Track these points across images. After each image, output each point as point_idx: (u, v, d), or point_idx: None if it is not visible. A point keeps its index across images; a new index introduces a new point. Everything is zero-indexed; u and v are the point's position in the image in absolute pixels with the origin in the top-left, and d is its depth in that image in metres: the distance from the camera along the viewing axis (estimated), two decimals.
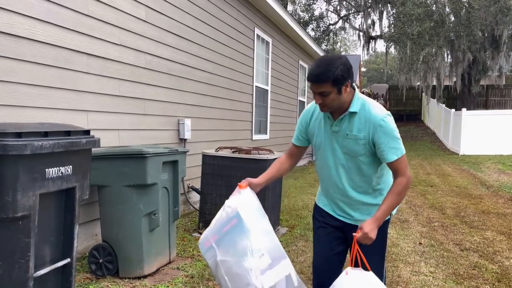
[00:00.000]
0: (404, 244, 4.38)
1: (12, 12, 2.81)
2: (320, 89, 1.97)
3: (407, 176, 2.01)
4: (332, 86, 1.94)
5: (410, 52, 16.01)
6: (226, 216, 2.04)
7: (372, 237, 1.91)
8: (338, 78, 1.93)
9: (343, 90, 1.97)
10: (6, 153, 1.84)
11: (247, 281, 1.89)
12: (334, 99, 1.98)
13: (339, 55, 2.10)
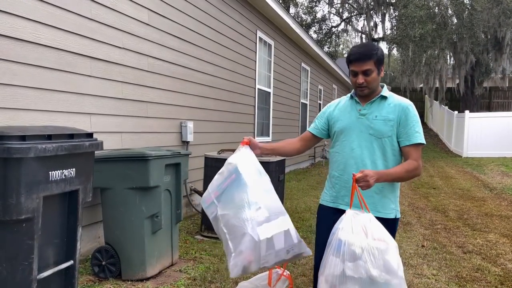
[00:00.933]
0: (406, 246, 4.38)
1: (16, 16, 2.83)
2: (364, 67, 2.10)
3: (419, 164, 2.08)
4: (375, 65, 2.11)
5: (412, 54, 16.01)
6: (227, 172, 2.08)
7: (370, 181, 1.93)
8: (380, 58, 2.12)
9: (381, 72, 2.16)
10: (10, 156, 1.86)
11: (243, 231, 1.91)
12: (375, 78, 2.13)
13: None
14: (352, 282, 1.77)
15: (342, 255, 1.79)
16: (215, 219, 2.07)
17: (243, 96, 7.06)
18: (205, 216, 4.38)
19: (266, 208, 1.98)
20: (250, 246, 1.90)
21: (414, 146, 2.09)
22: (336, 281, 1.80)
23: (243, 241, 1.91)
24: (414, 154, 2.09)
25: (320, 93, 13.58)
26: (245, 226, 1.92)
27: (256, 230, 1.90)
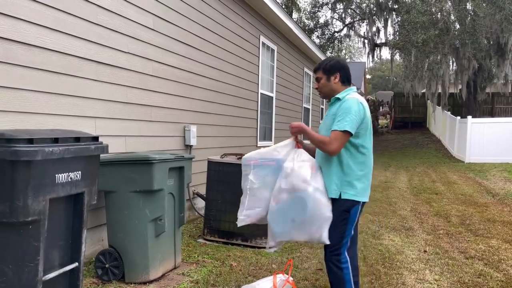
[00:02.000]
0: (409, 251, 4.38)
1: (24, 21, 2.88)
2: (316, 75, 2.73)
3: (332, 143, 2.45)
4: (323, 73, 2.67)
5: (414, 60, 16.03)
6: (271, 156, 2.61)
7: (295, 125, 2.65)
8: (328, 68, 2.65)
9: (332, 79, 2.64)
10: (17, 159, 1.89)
11: (259, 205, 2.56)
12: (324, 84, 2.68)
13: (338, 57, 2.83)
14: (284, 192, 2.47)
15: (281, 176, 2.50)
16: (245, 177, 2.62)
17: (246, 101, 7.09)
18: (208, 220, 4.41)
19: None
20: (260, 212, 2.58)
21: (333, 131, 2.47)
22: (276, 193, 2.50)
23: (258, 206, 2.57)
24: (332, 135, 2.47)
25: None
26: (260, 203, 2.57)
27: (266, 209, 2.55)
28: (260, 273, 3.50)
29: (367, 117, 2.56)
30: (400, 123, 26.93)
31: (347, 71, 2.69)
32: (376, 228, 5.36)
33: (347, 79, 2.69)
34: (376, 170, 12.76)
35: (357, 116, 2.48)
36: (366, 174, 2.59)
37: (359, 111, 2.50)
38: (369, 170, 2.63)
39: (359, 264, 3.86)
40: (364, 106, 2.56)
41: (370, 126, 2.61)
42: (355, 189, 2.52)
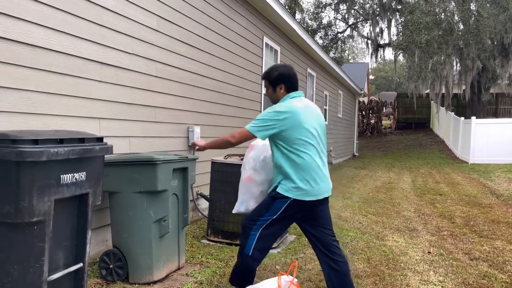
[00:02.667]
0: (413, 252, 4.37)
1: (30, 22, 2.89)
2: (264, 84, 2.93)
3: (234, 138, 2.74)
4: (269, 84, 2.86)
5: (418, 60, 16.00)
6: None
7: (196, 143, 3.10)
8: (271, 80, 2.84)
9: (278, 90, 2.83)
10: (23, 160, 1.90)
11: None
12: (271, 93, 2.89)
13: (285, 65, 2.93)
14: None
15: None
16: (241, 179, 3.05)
17: (249, 102, 7.10)
18: (212, 220, 4.41)
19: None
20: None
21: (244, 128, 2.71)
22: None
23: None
24: (240, 130, 2.73)
25: (326, 98, 13.60)
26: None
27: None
28: (264, 274, 3.49)
29: (294, 122, 2.63)
30: (404, 123, 26.88)
31: (292, 78, 2.82)
32: (379, 229, 5.35)
33: (294, 86, 2.83)
34: (380, 171, 12.73)
35: (267, 122, 2.63)
36: (305, 174, 2.64)
37: (272, 117, 2.64)
38: (309, 172, 2.65)
39: (362, 265, 3.86)
40: (288, 111, 2.64)
41: (306, 130, 2.66)
42: (288, 185, 2.66)
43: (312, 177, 2.65)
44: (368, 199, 7.66)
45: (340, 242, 4.53)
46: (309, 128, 2.68)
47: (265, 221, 2.72)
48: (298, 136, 2.64)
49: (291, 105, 2.69)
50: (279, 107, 2.68)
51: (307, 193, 2.64)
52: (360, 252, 4.28)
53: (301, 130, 2.65)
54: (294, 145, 2.64)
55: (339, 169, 13.09)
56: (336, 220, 5.70)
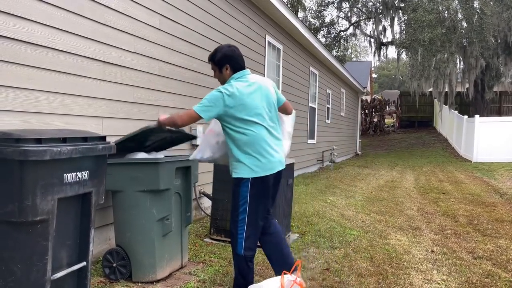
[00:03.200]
0: (416, 251, 4.36)
1: (33, 21, 2.89)
2: (211, 66, 2.99)
3: (180, 119, 2.83)
4: (214, 65, 2.95)
5: (421, 59, 15.95)
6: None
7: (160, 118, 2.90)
8: (215, 61, 2.92)
9: (224, 71, 2.91)
10: (26, 159, 1.90)
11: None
12: (218, 75, 2.98)
13: (229, 46, 2.97)
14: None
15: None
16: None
17: None
18: (214, 219, 4.41)
19: None
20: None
21: (191, 109, 2.79)
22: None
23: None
24: (187, 110, 2.82)
25: (328, 97, 13.58)
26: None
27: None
28: (266, 272, 3.49)
29: (237, 102, 2.73)
30: (407, 122, 26.82)
31: (236, 58, 2.91)
32: (383, 228, 5.34)
33: (239, 65, 2.91)
34: (383, 170, 12.71)
35: (211, 103, 2.72)
36: (251, 151, 2.77)
37: (216, 97, 2.72)
38: (255, 147, 2.77)
39: (365, 264, 3.85)
40: (231, 92, 2.73)
41: (250, 109, 2.77)
42: (242, 166, 2.78)
43: (259, 152, 2.77)
44: (371, 198, 7.65)
45: (343, 241, 4.55)
46: (253, 107, 2.77)
47: (243, 212, 2.80)
48: (241, 115, 2.74)
49: (235, 85, 2.77)
50: (223, 88, 2.76)
51: (260, 168, 2.77)
52: (363, 251, 4.28)
53: (245, 109, 2.74)
54: (238, 124, 2.75)
55: (341, 167, 13.08)
56: (339, 219, 5.69)
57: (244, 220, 2.82)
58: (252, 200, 2.79)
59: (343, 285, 3.32)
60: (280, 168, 2.88)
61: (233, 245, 2.88)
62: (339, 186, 8.87)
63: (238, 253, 2.84)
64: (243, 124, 2.75)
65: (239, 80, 2.86)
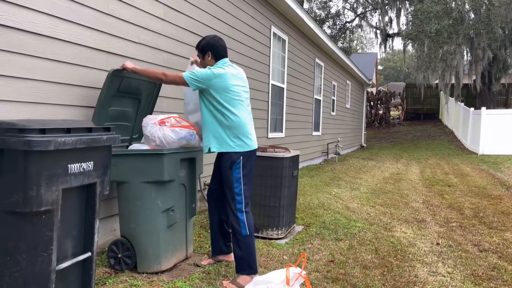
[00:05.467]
0: (421, 244, 4.34)
1: (36, 11, 2.87)
2: (197, 54, 3.33)
3: (166, 77, 3.12)
4: (200, 53, 3.27)
5: (427, 50, 15.80)
6: None
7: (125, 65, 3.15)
8: (200, 49, 3.25)
9: (206, 57, 3.23)
10: (30, 149, 1.88)
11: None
12: (201, 62, 3.31)
13: (214, 36, 3.29)
14: None
15: None
16: None
17: (257, 92, 7.05)
18: None
19: None
20: None
21: (181, 73, 3.09)
22: None
23: None
24: (177, 73, 3.14)
25: (334, 89, 13.50)
26: None
27: None
28: (271, 264, 3.49)
29: (225, 82, 3.05)
30: (412, 114, 26.67)
31: (218, 47, 3.20)
32: (388, 220, 5.32)
33: (220, 54, 3.20)
34: (388, 162, 12.66)
35: (203, 78, 3.01)
36: (243, 131, 3.14)
37: (208, 74, 3.02)
38: (245, 128, 3.14)
39: (370, 256, 3.84)
40: (221, 73, 3.04)
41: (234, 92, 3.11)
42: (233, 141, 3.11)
43: (248, 132, 3.16)
44: (376, 190, 7.63)
45: (348, 233, 4.54)
46: (237, 90, 3.11)
47: (239, 193, 3.09)
48: (230, 95, 3.07)
49: (223, 68, 3.10)
50: (214, 68, 3.07)
51: (248, 144, 3.14)
52: (368, 243, 4.27)
53: (232, 90, 3.08)
54: (226, 104, 3.05)
55: (346, 160, 13.04)
56: (344, 211, 5.68)
57: (241, 201, 3.11)
58: (245, 178, 3.13)
59: (348, 277, 3.31)
60: (255, 147, 3.26)
61: (237, 230, 3.09)
62: (344, 178, 8.84)
63: (244, 234, 3.07)
64: (230, 106, 3.07)
65: (226, 65, 3.15)
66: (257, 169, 4.12)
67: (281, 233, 4.21)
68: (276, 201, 4.16)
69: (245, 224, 3.09)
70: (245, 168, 3.11)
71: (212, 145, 3.10)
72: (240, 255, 3.09)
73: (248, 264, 3.08)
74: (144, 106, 3.69)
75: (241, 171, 3.09)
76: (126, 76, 3.26)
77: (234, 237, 3.12)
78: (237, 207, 3.09)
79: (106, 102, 3.21)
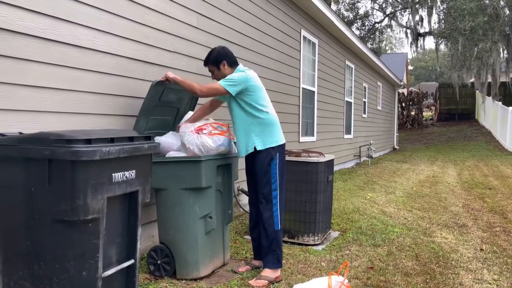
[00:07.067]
0: (464, 250, 4.19)
1: (77, 24, 2.96)
2: (208, 68, 3.37)
3: (204, 90, 3.19)
4: (213, 65, 3.29)
5: (462, 48, 15.33)
6: None
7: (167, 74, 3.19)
8: (213, 60, 3.28)
9: (222, 67, 3.26)
10: (77, 159, 1.94)
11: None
12: (217, 74, 3.31)
13: (220, 46, 3.38)
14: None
15: None
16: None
17: (287, 96, 7.03)
18: None
19: None
20: None
21: (216, 83, 3.16)
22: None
23: None
24: (212, 83, 3.20)
25: (364, 90, 13.30)
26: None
27: None
28: (309, 271, 3.45)
29: (257, 85, 3.22)
30: (446, 115, 25.92)
31: (230, 55, 3.29)
32: (426, 225, 5.17)
33: (233, 60, 3.29)
34: (423, 164, 12.34)
35: (239, 81, 3.10)
36: (275, 127, 3.34)
37: (243, 77, 3.12)
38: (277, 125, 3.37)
39: (411, 262, 3.73)
40: (252, 75, 3.19)
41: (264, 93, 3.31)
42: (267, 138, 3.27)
43: (280, 127, 3.33)
44: (412, 194, 7.43)
45: (386, 239, 4.43)
46: (264, 89, 3.31)
47: (275, 188, 3.21)
48: (262, 94, 3.24)
49: (245, 71, 3.20)
50: (244, 72, 3.18)
51: (281, 139, 3.31)
52: (408, 249, 4.15)
53: (261, 89, 3.26)
54: (262, 102, 3.21)
55: (379, 163, 12.79)
56: (380, 215, 5.56)
57: (276, 195, 3.21)
58: (281, 170, 3.27)
59: (389, 285, 3.23)
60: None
61: (269, 224, 3.19)
62: (378, 182, 8.67)
63: (276, 229, 3.20)
64: (262, 105, 3.23)
65: (245, 69, 3.25)
66: (291, 174, 4.10)
67: (317, 239, 4.16)
68: (312, 206, 4.11)
69: (278, 219, 3.21)
70: (280, 162, 3.26)
71: (256, 143, 3.20)
72: (271, 250, 3.21)
73: (277, 258, 3.23)
74: (182, 114, 3.74)
75: (277, 166, 3.22)
76: (167, 87, 3.31)
77: (264, 232, 3.23)
78: (272, 202, 3.20)
79: (148, 111, 3.28)
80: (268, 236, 3.21)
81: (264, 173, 3.21)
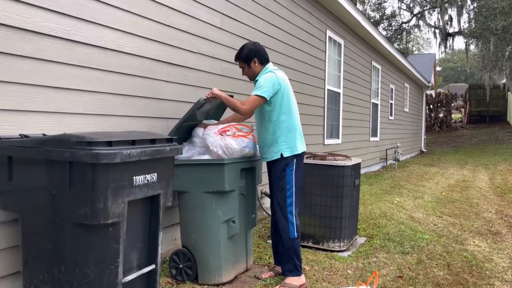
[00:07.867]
0: (498, 259, 3.98)
1: (101, 25, 2.95)
2: (239, 65, 3.28)
3: (246, 105, 3.01)
4: (243, 62, 3.21)
5: (494, 48, 14.82)
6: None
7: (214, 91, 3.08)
8: (244, 58, 3.19)
9: (252, 65, 3.18)
10: (98, 162, 1.89)
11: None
12: (247, 71, 3.24)
13: (252, 43, 3.27)
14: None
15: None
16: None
17: (312, 98, 6.90)
18: None
19: None
20: None
21: (251, 96, 3.01)
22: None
23: None
24: (248, 98, 3.02)
25: (391, 92, 13.00)
26: None
27: None
28: (334, 278, 3.33)
29: (286, 87, 3.12)
30: (476, 117, 25.14)
31: (262, 52, 3.20)
32: (458, 232, 4.95)
33: (265, 58, 3.21)
34: (452, 168, 11.94)
35: (271, 84, 3.01)
36: (296, 134, 3.21)
37: (274, 79, 3.03)
38: (299, 131, 3.25)
39: (442, 272, 3.55)
40: (281, 77, 3.09)
41: (291, 95, 3.20)
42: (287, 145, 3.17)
43: (300, 135, 3.21)
44: (442, 199, 7.17)
45: (415, 246, 4.26)
46: (292, 94, 3.20)
47: (290, 195, 3.10)
48: (289, 99, 3.13)
49: (274, 72, 3.10)
50: (273, 73, 3.08)
51: (302, 145, 3.20)
52: (438, 257, 3.97)
53: (290, 95, 3.15)
54: (291, 105, 3.14)
55: (406, 166, 12.47)
56: (408, 221, 5.36)
57: (292, 202, 3.11)
58: (297, 178, 3.15)
59: None
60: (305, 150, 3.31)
61: (285, 232, 3.10)
62: (405, 186, 8.42)
63: (292, 237, 3.10)
64: (287, 109, 3.12)
65: (275, 70, 3.15)
66: (316, 178, 3.99)
67: (343, 245, 4.03)
68: (338, 211, 3.98)
69: (294, 227, 3.11)
70: (298, 168, 3.15)
71: (283, 150, 3.11)
72: (288, 258, 3.12)
73: (295, 266, 3.11)
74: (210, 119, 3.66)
75: (294, 172, 3.12)
76: (208, 100, 3.21)
77: (281, 239, 3.15)
78: (287, 209, 3.10)
79: (185, 121, 3.23)
80: (285, 244, 3.13)
81: (278, 179, 3.14)
